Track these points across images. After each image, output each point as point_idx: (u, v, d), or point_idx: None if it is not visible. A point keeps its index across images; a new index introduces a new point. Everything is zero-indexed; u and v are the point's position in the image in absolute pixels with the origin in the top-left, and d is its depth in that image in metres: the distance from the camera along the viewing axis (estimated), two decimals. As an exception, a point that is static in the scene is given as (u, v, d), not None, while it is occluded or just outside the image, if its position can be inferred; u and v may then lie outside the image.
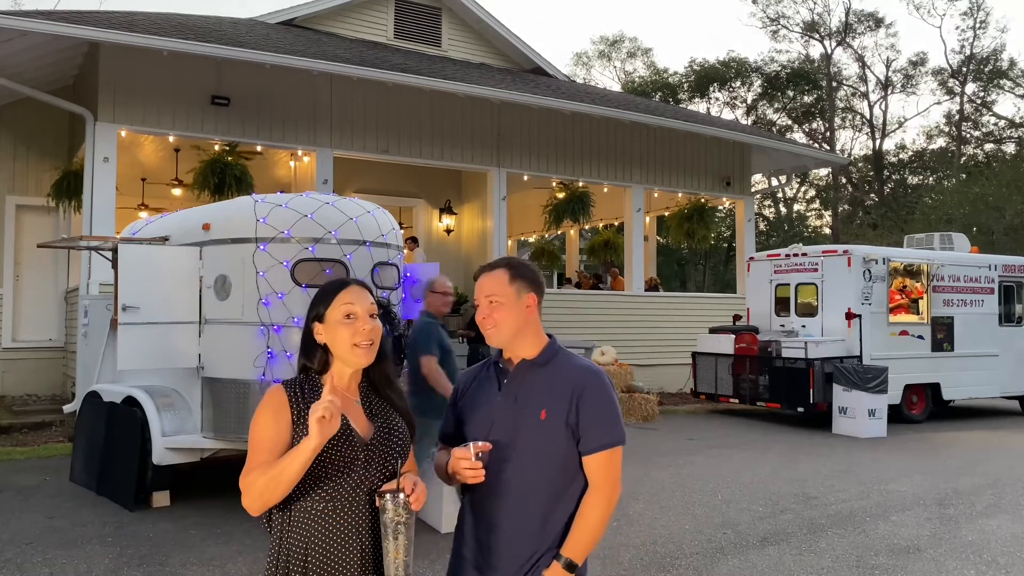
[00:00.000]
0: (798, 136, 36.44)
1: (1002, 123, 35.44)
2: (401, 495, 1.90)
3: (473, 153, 13.76)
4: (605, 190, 15.59)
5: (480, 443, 2.05)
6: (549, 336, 2.23)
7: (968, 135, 35.89)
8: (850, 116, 38.06)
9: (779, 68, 36.47)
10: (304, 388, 2.02)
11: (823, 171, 35.21)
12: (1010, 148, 34.40)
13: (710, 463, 8.68)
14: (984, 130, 35.88)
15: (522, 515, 2.08)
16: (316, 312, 2.05)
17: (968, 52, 35.02)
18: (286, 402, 1.97)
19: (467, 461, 2.01)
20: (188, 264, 6.49)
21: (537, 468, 2.08)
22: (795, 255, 12.58)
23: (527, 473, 2.08)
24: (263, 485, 1.86)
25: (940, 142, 37.01)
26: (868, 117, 37.67)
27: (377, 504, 1.93)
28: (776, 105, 36.97)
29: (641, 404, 11.65)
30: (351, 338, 2.01)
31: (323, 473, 1.93)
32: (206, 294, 6.44)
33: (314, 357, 2.05)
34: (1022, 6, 48.47)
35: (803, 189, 37.95)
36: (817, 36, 37.17)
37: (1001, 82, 34.94)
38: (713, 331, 13.07)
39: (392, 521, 1.89)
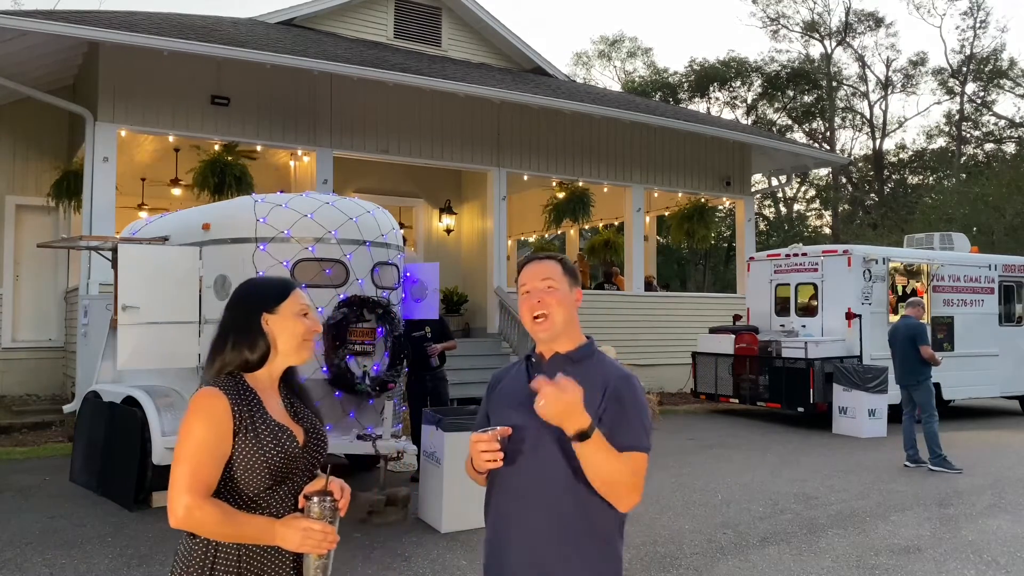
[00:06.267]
0: (798, 136, 36.41)
1: (1002, 123, 35.42)
2: (328, 498, 1.84)
3: (473, 153, 13.76)
4: (605, 190, 15.59)
5: (499, 428, 1.99)
6: (587, 336, 2.18)
7: (968, 135, 35.87)
8: (850, 116, 38.02)
9: (779, 68, 36.44)
10: (239, 391, 1.92)
11: (823, 171, 35.18)
12: (1010, 148, 34.37)
13: (710, 463, 8.68)
14: (984, 130, 35.85)
15: (540, 507, 2.01)
16: (265, 305, 2.00)
17: (968, 52, 35.00)
18: (228, 410, 1.87)
19: (484, 443, 1.94)
20: (188, 264, 6.49)
21: (560, 460, 2.00)
22: (795, 255, 12.58)
23: (549, 464, 2.01)
24: (213, 531, 1.82)
25: (940, 142, 37.00)
26: (868, 117, 37.65)
27: (301, 505, 1.86)
28: (776, 105, 36.95)
29: (641, 404, 11.63)
30: (304, 332, 1.99)
31: (262, 483, 1.88)
32: (206, 294, 6.44)
33: (257, 348, 1.97)
34: (1022, 6, 48.42)
35: (803, 189, 37.91)
36: (817, 36, 37.14)
37: (1001, 82, 34.90)
38: (713, 331, 13.07)
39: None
